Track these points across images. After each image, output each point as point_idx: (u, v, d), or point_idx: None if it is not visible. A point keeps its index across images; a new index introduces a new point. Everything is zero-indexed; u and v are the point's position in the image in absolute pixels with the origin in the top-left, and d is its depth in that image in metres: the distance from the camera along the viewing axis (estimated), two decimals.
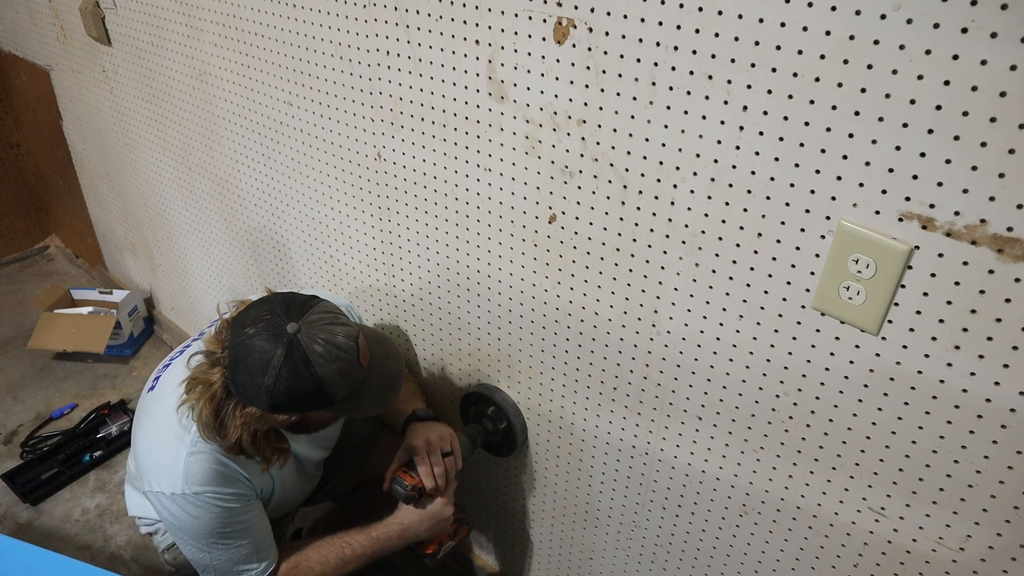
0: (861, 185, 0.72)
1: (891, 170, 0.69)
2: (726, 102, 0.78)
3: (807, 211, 0.77)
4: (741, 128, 0.78)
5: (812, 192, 0.75)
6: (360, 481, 1.52)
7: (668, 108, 0.83)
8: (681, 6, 0.77)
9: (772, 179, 0.78)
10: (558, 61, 0.91)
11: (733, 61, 0.75)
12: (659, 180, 0.88)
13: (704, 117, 0.80)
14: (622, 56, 0.84)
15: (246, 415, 0.99)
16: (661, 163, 0.87)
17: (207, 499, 1.08)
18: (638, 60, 0.83)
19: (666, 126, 0.84)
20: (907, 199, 0.69)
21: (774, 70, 0.73)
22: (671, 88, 0.82)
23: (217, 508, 1.09)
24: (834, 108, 0.70)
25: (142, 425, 1.18)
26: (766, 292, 0.84)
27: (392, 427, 1.39)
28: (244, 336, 0.98)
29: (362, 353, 1.02)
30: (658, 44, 0.80)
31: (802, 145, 0.74)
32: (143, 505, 1.28)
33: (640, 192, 0.91)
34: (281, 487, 1.24)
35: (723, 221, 0.84)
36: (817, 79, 0.70)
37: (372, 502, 1.56)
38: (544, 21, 0.90)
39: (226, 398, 1.00)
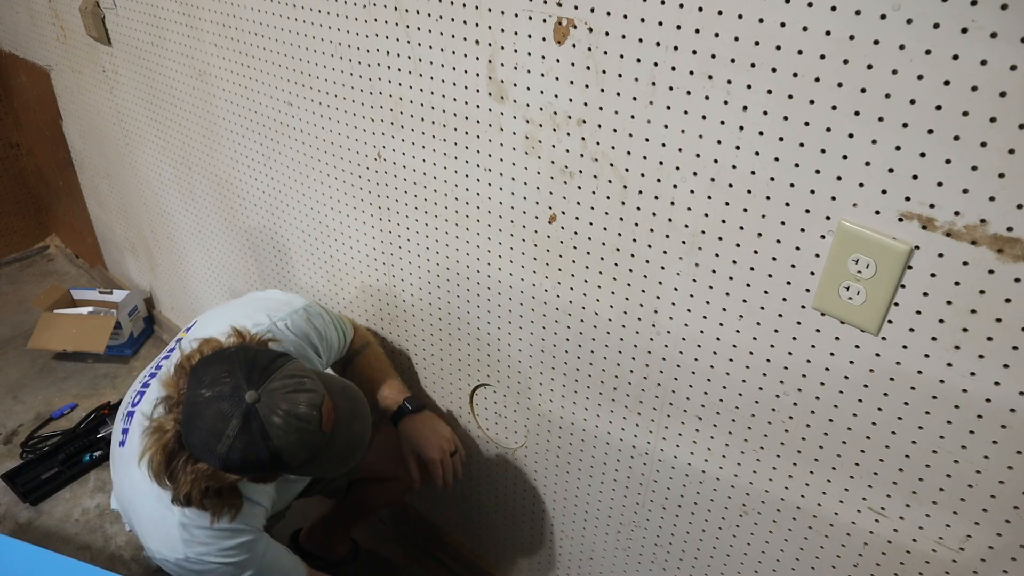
0: (861, 185, 0.72)
1: (891, 170, 0.69)
2: (726, 102, 0.78)
3: (807, 211, 0.77)
4: (741, 128, 0.78)
5: (812, 192, 0.75)
6: (355, 478, 1.51)
7: (668, 108, 0.83)
8: (681, 6, 0.77)
9: (772, 179, 0.78)
10: (558, 61, 0.91)
11: (733, 61, 0.75)
12: (659, 180, 0.88)
13: (704, 117, 0.80)
14: (622, 56, 0.84)
15: (197, 470, 0.95)
16: (661, 163, 0.87)
17: (213, 559, 1.06)
18: (638, 60, 0.83)
19: (666, 126, 0.84)
20: (907, 199, 0.69)
21: (774, 70, 0.73)
22: (671, 88, 0.82)
23: (228, 563, 1.08)
24: (834, 108, 0.70)
25: (123, 486, 1.13)
26: (766, 292, 0.84)
27: (380, 416, 1.38)
28: (199, 397, 0.93)
29: (326, 420, 0.98)
30: (658, 44, 0.80)
31: (802, 145, 0.74)
32: None
33: (640, 192, 0.91)
34: (273, 504, 1.22)
35: (723, 221, 0.84)
36: (817, 79, 0.70)
37: (368, 500, 1.56)
38: (544, 21, 0.90)
39: (178, 449, 0.96)
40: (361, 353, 1.39)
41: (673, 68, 0.80)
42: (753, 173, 0.79)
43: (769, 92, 0.74)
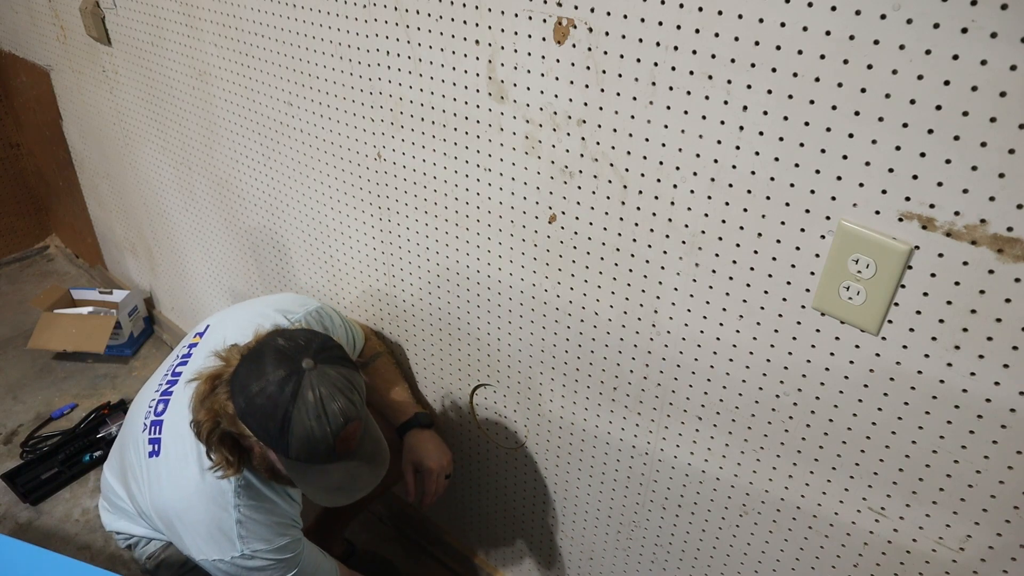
0: (861, 185, 0.72)
1: (891, 170, 0.69)
2: (726, 102, 0.78)
3: (807, 211, 0.77)
4: (741, 128, 0.78)
5: (812, 192, 0.75)
6: None
7: (668, 108, 0.83)
8: (681, 6, 0.77)
9: (772, 179, 0.78)
10: (558, 61, 0.91)
11: (733, 61, 0.75)
12: (659, 180, 0.88)
13: (704, 117, 0.80)
14: (622, 56, 0.84)
15: (224, 405, 0.99)
16: (661, 163, 0.87)
17: (266, 556, 1.09)
18: (638, 60, 0.83)
19: (666, 126, 0.84)
20: (907, 199, 0.69)
21: (774, 70, 0.73)
22: (671, 88, 0.82)
23: (281, 559, 1.11)
24: (834, 108, 0.70)
25: (164, 496, 1.13)
26: (766, 292, 0.84)
27: (388, 421, 1.38)
28: (274, 341, 1.00)
29: (343, 437, 0.98)
30: (658, 44, 0.80)
31: (802, 145, 0.74)
32: (119, 522, 1.28)
33: (640, 192, 0.91)
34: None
35: (723, 221, 0.84)
36: (817, 79, 0.70)
37: (362, 500, 1.55)
38: (544, 21, 0.90)
39: (223, 383, 1.00)
40: (374, 362, 1.42)
41: (673, 68, 0.80)
42: (753, 173, 0.79)
43: (769, 92, 0.74)
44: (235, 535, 1.08)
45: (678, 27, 0.78)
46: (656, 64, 0.82)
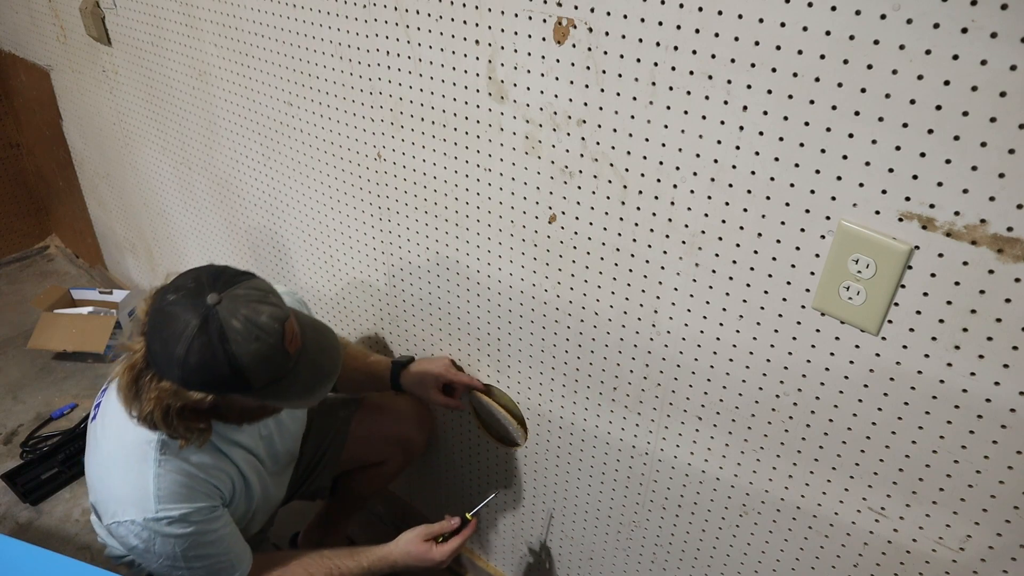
0: (861, 185, 0.72)
1: (891, 170, 0.69)
2: (726, 102, 0.78)
3: (807, 211, 0.77)
4: (741, 128, 0.78)
5: (812, 192, 0.75)
6: (339, 473, 1.49)
7: (668, 108, 0.83)
8: (681, 6, 0.77)
9: (772, 179, 0.78)
10: (558, 61, 0.91)
11: (733, 61, 0.75)
12: (659, 180, 0.88)
13: (704, 117, 0.80)
14: (622, 56, 0.84)
15: (160, 388, 0.93)
16: (661, 163, 0.87)
17: (181, 518, 1.04)
18: (638, 60, 0.83)
19: (666, 126, 0.84)
20: (907, 199, 0.69)
21: (774, 70, 0.73)
22: (671, 88, 0.82)
23: (192, 525, 1.05)
24: (834, 108, 0.70)
25: (93, 456, 1.10)
26: (766, 292, 0.84)
27: (375, 386, 1.38)
28: (164, 303, 0.92)
29: (289, 338, 0.95)
30: (658, 44, 0.80)
31: (802, 145, 0.74)
32: (115, 547, 1.23)
33: (640, 192, 0.91)
34: (250, 489, 1.20)
35: (723, 221, 0.84)
36: (817, 79, 0.70)
37: (357, 491, 1.55)
38: (544, 21, 0.90)
39: (145, 368, 0.94)
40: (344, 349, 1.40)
41: (673, 68, 0.80)
42: (753, 173, 0.79)
43: (769, 92, 0.74)
44: (152, 491, 1.02)
45: (678, 27, 0.78)
46: (656, 64, 0.82)
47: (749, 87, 0.75)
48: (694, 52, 0.78)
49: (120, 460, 1.05)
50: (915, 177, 0.68)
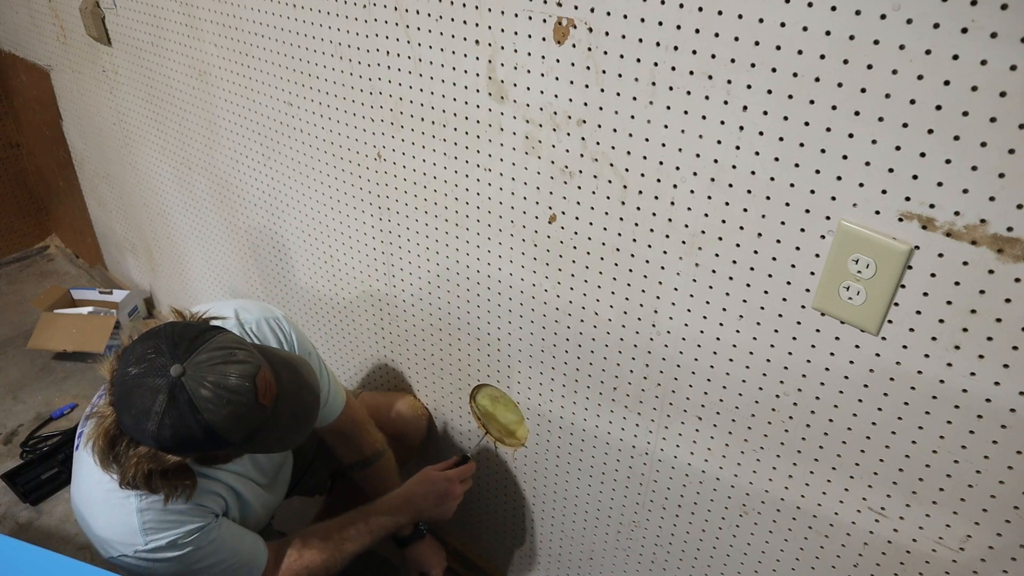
0: (861, 185, 0.72)
1: (891, 170, 0.69)
2: (726, 102, 0.78)
3: (807, 211, 0.77)
4: (741, 128, 0.78)
5: (812, 192, 0.75)
6: (337, 468, 1.49)
7: (668, 108, 0.83)
8: (681, 6, 0.77)
9: (772, 179, 0.78)
10: (558, 61, 0.91)
11: (733, 61, 0.75)
12: (659, 180, 0.88)
13: (704, 117, 0.80)
14: (622, 56, 0.84)
15: (138, 454, 0.91)
16: (661, 163, 0.87)
17: (171, 544, 1.03)
18: (638, 60, 0.83)
19: (666, 126, 0.84)
20: (907, 199, 0.69)
21: (774, 70, 0.73)
22: (671, 88, 0.82)
23: (186, 547, 1.05)
24: (834, 108, 0.70)
25: (78, 492, 1.09)
26: (766, 292, 0.84)
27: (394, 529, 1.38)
28: (127, 376, 0.90)
29: (262, 391, 0.93)
30: (658, 44, 0.80)
31: (802, 145, 0.74)
32: None
33: (640, 192, 0.91)
34: (244, 503, 1.19)
35: (723, 221, 0.84)
36: (817, 79, 0.70)
37: (356, 488, 1.55)
38: (544, 21, 0.90)
39: (119, 434, 0.92)
40: (376, 462, 1.39)
41: (673, 68, 0.80)
42: (753, 173, 0.79)
43: (769, 92, 0.74)
44: (137, 526, 1.01)
45: (678, 27, 0.78)
46: (656, 64, 0.82)
47: (749, 87, 0.75)
48: (694, 52, 0.78)
49: (101, 499, 1.04)
50: (915, 177, 0.68)
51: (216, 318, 1.04)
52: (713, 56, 0.76)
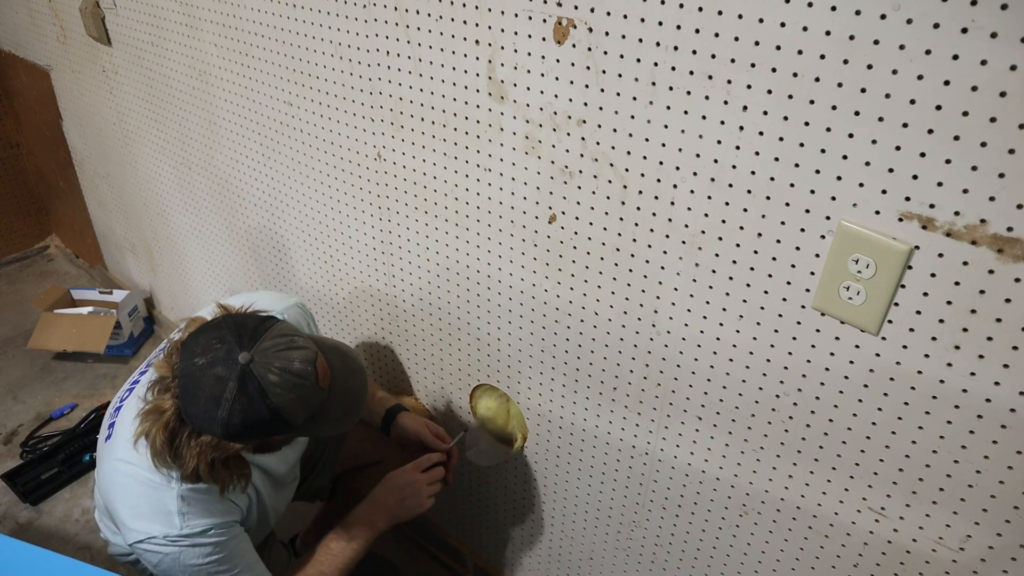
0: (861, 185, 0.72)
1: (891, 170, 0.69)
2: (726, 102, 0.78)
3: (807, 211, 0.77)
4: (741, 128, 0.78)
5: (812, 192, 0.75)
6: (338, 473, 1.50)
7: (668, 108, 0.83)
8: (681, 6, 0.77)
9: (772, 179, 0.78)
10: (558, 61, 0.91)
11: (733, 61, 0.75)
12: (659, 180, 0.88)
13: (704, 117, 0.80)
14: (622, 56, 0.84)
15: (201, 444, 0.95)
16: (661, 163, 0.87)
17: (204, 531, 1.05)
18: (638, 60, 0.83)
19: (666, 126, 0.84)
20: (907, 199, 0.69)
21: (774, 70, 0.73)
22: (671, 88, 0.82)
23: (217, 537, 1.07)
24: (834, 108, 0.70)
25: (107, 477, 1.10)
26: (766, 292, 0.84)
27: (369, 422, 1.40)
28: (194, 367, 0.93)
29: (322, 375, 0.98)
30: (658, 44, 0.80)
31: (802, 145, 0.74)
32: (115, 537, 1.24)
33: (640, 192, 0.91)
34: (262, 503, 1.21)
35: (723, 221, 0.84)
36: (817, 79, 0.70)
37: (356, 491, 1.55)
38: (544, 21, 0.90)
39: (180, 426, 0.95)
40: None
41: (673, 68, 0.80)
42: (753, 173, 0.79)
43: (769, 92, 0.74)
44: (175, 510, 1.03)
45: (678, 27, 0.78)
46: (656, 64, 0.82)
47: (749, 87, 0.75)
48: (694, 52, 0.78)
49: (140, 482, 1.06)
50: (915, 177, 0.68)
51: (261, 311, 1.08)
52: (713, 56, 0.76)
